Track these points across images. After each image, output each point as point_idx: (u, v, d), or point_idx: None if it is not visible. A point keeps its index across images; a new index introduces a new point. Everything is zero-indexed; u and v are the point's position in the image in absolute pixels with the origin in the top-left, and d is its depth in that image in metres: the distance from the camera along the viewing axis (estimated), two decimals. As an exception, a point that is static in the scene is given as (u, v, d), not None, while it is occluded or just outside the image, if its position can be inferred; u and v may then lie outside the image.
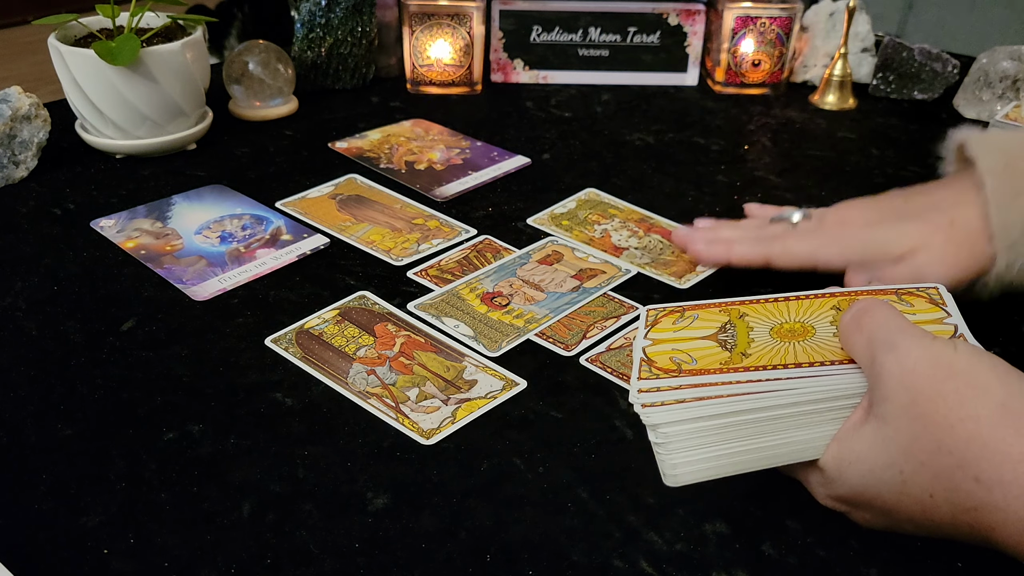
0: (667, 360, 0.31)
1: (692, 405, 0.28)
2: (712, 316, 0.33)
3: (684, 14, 0.76)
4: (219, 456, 0.36)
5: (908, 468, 0.27)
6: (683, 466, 0.29)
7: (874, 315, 0.30)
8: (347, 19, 0.72)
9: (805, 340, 0.31)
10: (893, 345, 0.28)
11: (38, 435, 0.37)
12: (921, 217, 0.42)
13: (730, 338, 0.32)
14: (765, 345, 0.31)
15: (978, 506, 0.26)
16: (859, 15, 0.78)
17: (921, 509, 0.28)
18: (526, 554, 0.32)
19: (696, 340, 0.32)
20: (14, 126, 0.58)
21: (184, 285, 0.48)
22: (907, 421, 0.27)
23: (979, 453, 0.26)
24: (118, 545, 0.32)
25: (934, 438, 0.27)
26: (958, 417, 0.26)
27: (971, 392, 0.27)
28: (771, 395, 0.29)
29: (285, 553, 0.32)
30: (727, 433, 0.29)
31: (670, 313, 0.34)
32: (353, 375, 0.41)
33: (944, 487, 0.27)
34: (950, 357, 0.27)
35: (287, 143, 0.66)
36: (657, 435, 0.29)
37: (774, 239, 0.46)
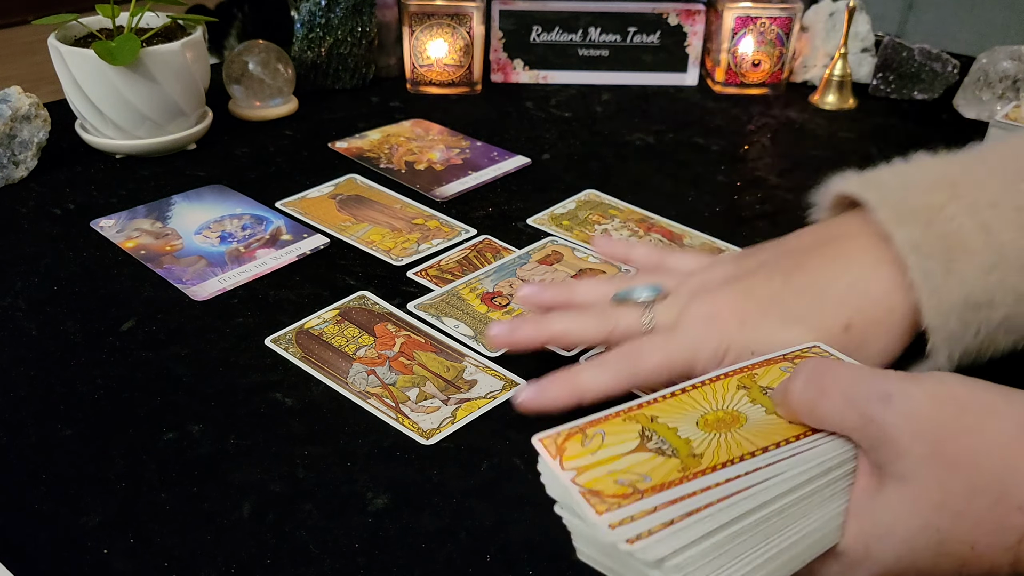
0: (613, 485, 0.25)
1: (686, 523, 0.23)
2: (620, 428, 0.28)
3: (684, 14, 0.76)
4: (219, 456, 0.36)
5: (945, 524, 0.25)
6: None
7: (836, 373, 0.27)
8: (347, 19, 0.72)
9: (743, 427, 0.27)
10: (888, 395, 0.25)
11: (38, 435, 0.37)
12: (806, 320, 0.34)
13: (662, 444, 0.27)
14: (707, 440, 0.27)
15: (1022, 538, 0.24)
16: (859, 15, 0.78)
17: (958, 566, 0.25)
18: (526, 554, 0.32)
19: (626, 456, 0.26)
20: (14, 126, 0.58)
21: (184, 285, 0.48)
22: (932, 472, 0.24)
23: (1014, 479, 0.24)
24: (118, 545, 0.32)
25: (967, 481, 0.24)
26: (984, 451, 0.24)
27: (986, 421, 0.25)
28: (765, 486, 0.25)
29: (285, 553, 0.32)
30: (740, 547, 0.24)
31: (569, 437, 0.27)
32: (353, 375, 0.41)
33: (986, 531, 0.24)
34: (948, 390, 0.25)
35: (287, 143, 0.66)
36: (666, 571, 0.23)
37: (629, 356, 0.35)
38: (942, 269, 0.32)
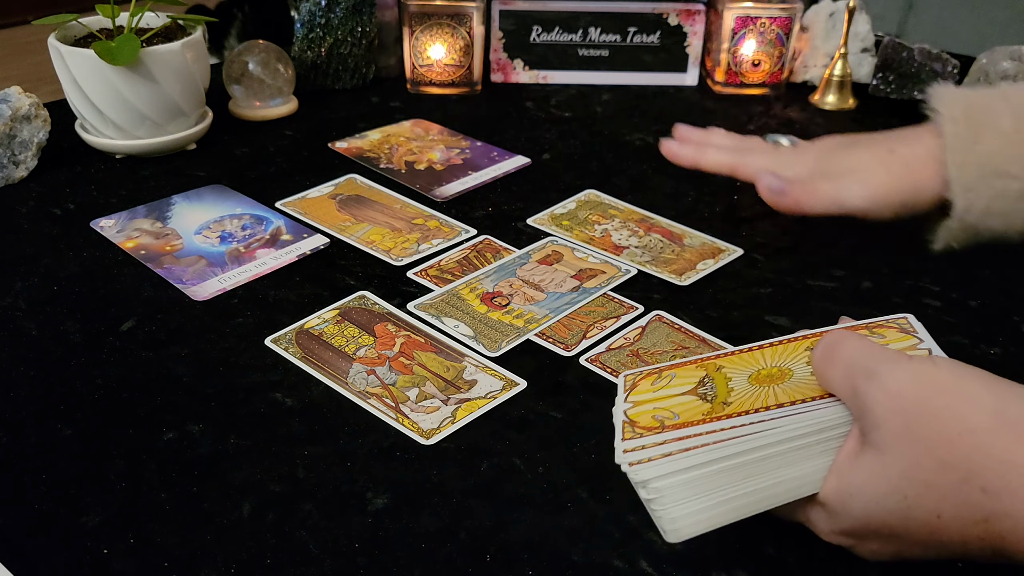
0: (649, 419, 0.31)
1: (678, 457, 0.28)
2: (689, 373, 0.33)
3: (684, 14, 0.76)
4: (219, 456, 0.36)
5: (912, 492, 0.27)
6: (682, 519, 0.28)
7: (845, 346, 0.29)
8: (347, 19, 0.72)
9: (783, 383, 0.31)
10: (873, 372, 0.28)
11: (38, 435, 0.37)
12: (869, 147, 0.46)
13: (709, 390, 0.32)
14: (744, 392, 0.31)
15: (988, 517, 0.26)
16: (859, 15, 0.78)
17: (929, 531, 0.27)
18: (526, 554, 0.32)
19: (676, 397, 0.32)
20: (14, 126, 0.58)
21: (184, 285, 0.48)
22: (904, 445, 0.27)
23: (983, 464, 0.26)
24: (118, 545, 0.32)
25: (934, 457, 0.26)
26: (955, 432, 0.26)
27: (963, 405, 0.26)
28: (756, 436, 0.28)
29: (285, 553, 0.32)
30: (719, 479, 0.28)
31: (647, 376, 0.34)
32: (353, 375, 0.41)
33: (951, 504, 0.26)
34: (933, 373, 0.27)
35: (287, 143, 0.66)
36: (648, 491, 0.28)
37: (747, 151, 0.51)
38: (971, 136, 0.41)
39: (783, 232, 0.55)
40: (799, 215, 0.47)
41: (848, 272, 0.51)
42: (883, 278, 0.50)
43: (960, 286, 0.49)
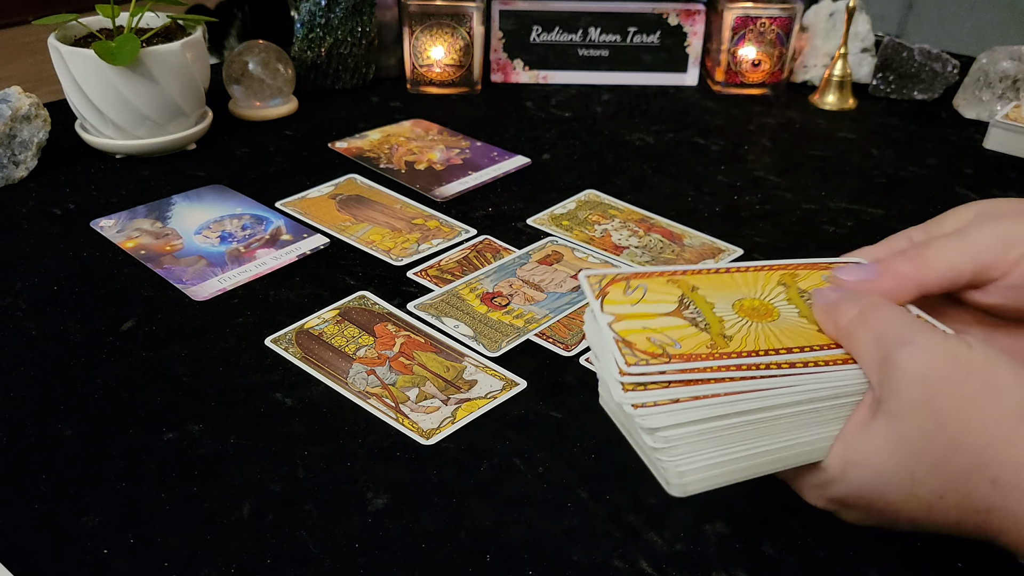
0: (646, 342, 0.27)
1: (692, 406, 0.26)
2: (662, 288, 0.30)
3: (684, 14, 0.76)
4: (219, 456, 0.36)
5: (920, 469, 0.26)
6: (690, 474, 0.27)
7: (883, 311, 0.28)
8: (347, 19, 0.72)
9: (775, 321, 0.30)
10: (908, 340, 0.27)
11: (38, 435, 0.37)
12: None
13: (697, 315, 0.29)
14: (738, 325, 0.29)
15: (991, 509, 0.25)
16: (859, 15, 0.78)
17: (927, 510, 0.27)
18: (526, 554, 0.32)
19: (662, 317, 0.29)
20: (14, 126, 0.58)
21: (184, 285, 0.48)
22: (921, 419, 0.26)
23: (998, 455, 0.25)
24: (118, 545, 0.32)
25: (950, 438, 0.26)
26: (977, 418, 0.25)
27: (989, 392, 0.26)
28: (773, 393, 0.27)
29: (285, 553, 0.32)
30: (732, 436, 0.27)
31: (613, 281, 0.30)
32: (353, 375, 0.41)
33: (956, 489, 0.26)
34: (967, 355, 0.26)
35: (287, 143, 0.66)
36: (655, 439, 0.26)
37: None
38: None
39: (783, 232, 0.55)
40: None
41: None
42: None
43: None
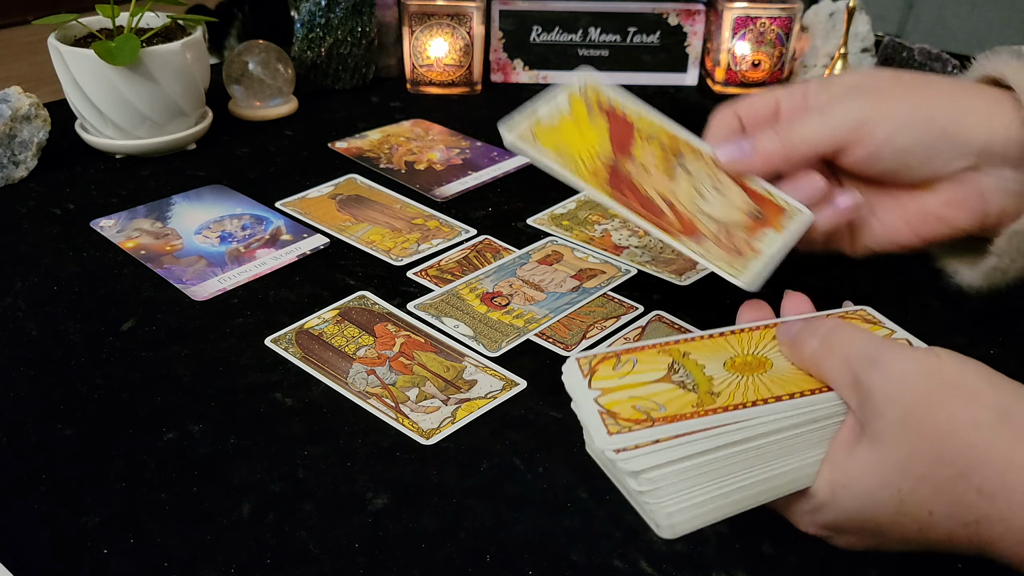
0: (630, 410, 0.27)
1: (672, 444, 0.26)
2: (652, 358, 0.30)
3: (684, 14, 0.76)
4: (219, 456, 0.36)
5: (907, 485, 0.26)
6: (678, 514, 0.27)
7: (844, 335, 0.29)
8: (347, 19, 0.72)
9: (766, 372, 0.30)
10: (876, 360, 0.27)
11: (38, 435, 0.37)
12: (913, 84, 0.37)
13: (686, 379, 0.29)
14: (728, 381, 0.29)
15: (980, 519, 0.25)
16: (859, 15, 0.78)
17: (918, 528, 0.27)
18: (526, 554, 0.32)
19: (650, 384, 0.29)
20: (14, 126, 0.58)
21: (184, 285, 0.48)
22: (903, 435, 0.26)
23: (981, 461, 0.25)
24: (118, 545, 0.32)
25: (933, 450, 0.26)
26: (957, 425, 0.26)
27: (965, 399, 0.26)
28: (752, 424, 0.27)
29: (285, 553, 0.32)
30: (715, 471, 0.27)
31: (603, 360, 0.30)
32: (353, 375, 0.41)
33: (944, 501, 0.26)
34: (936, 365, 0.27)
35: (287, 143, 0.66)
36: (640, 482, 0.26)
37: None
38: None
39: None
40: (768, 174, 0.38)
41: (846, 271, 0.51)
42: (882, 277, 0.50)
43: (960, 286, 0.49)
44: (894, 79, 0.36)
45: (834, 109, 0.36)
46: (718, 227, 0.36)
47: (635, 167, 0.38)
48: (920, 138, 0.35)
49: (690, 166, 0.39)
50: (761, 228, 0.37)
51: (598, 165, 0.37)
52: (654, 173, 0.38)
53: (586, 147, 0.38)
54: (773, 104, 0.39)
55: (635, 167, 0.38)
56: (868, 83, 0.36)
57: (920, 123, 0.35)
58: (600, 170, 0.37)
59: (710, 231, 0.36)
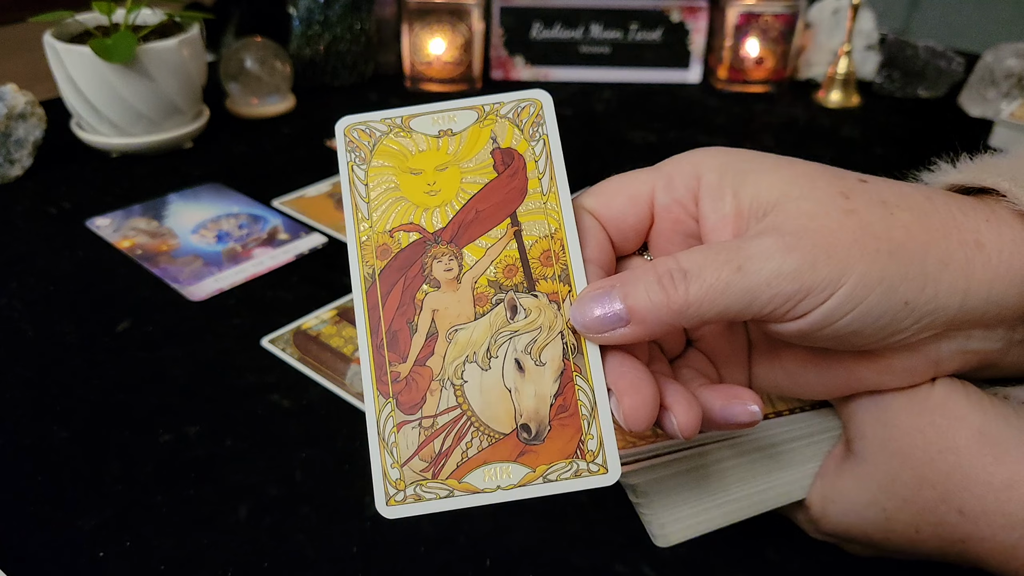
0: None
1: (667, 459, 0.27)
2: None
3: (687, 10, 0.76)
4: (215, 458, 0.36)
5: (891, 505, 0.26)
6: (671, 524, 0.27)
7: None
8: (345, 16, 0.72)
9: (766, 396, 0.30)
10: (859, 382, 0.27)
11: (33, 437, 0.37)
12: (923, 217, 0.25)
13: None
14: None
15: (965, 539, 0.25)
16: (863, 12, 0.77)
17: (909, 543, 0.27)
18: (526, 558, 0.31)
19: None
20: (9, 124, 0.57)
21: (180, 285, 0.47)
22: (885, 457, 0.26)
23: (961, 484, 0.25)
24: (114, 548, 0.32)
25: (915, 473, 0.26)
26: (937, 450, 0.25)
27: (948, 423, 0.26)
28: (745, 439, 0.28)
29: (282, 557, 0.31)
30: (708, 483, 0.28)
31: None
32: (351, 376, 0.40)
33: (929, 522, 0.26)
34: (926, 390, 0.26)
35: (284, 141, 0.66)
36: (636, 495, 0.27)
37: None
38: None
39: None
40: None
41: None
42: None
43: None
44: (842, 215, 0.23)
45: (757, 269, 0.23)
46: (455, 419, 0.23)
47: (449, 262, 0.24)
48: (875, 313, 0.23)
49: (521, 309, 0.24)
50: (509, 459, 0.23)
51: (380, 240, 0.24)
52: (463, 287, 0.24)
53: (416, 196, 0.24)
54: (647, 211, 0.27)
55: (449, 262, 0.24)
56: (803, 219, 0.23)
57: (877, 294, 0.23)
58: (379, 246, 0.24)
59: (436, 414, 0.23)
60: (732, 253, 0.23)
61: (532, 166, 0.25)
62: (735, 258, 0.23)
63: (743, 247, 0.23)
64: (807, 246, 0.23)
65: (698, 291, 0.23)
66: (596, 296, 0.23)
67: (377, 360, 0.24)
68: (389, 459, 0.23)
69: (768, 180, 0.24)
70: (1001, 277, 0.24)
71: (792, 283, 0.23)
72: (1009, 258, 0.24)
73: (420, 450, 0.23)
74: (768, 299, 0.23)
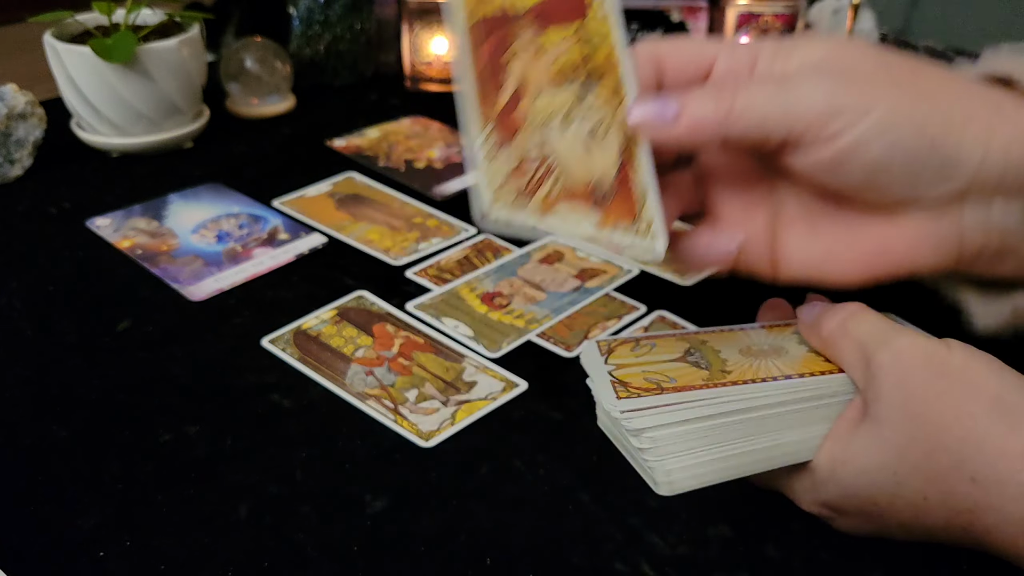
0: (641, 380, 0.28)
1: (677, 408, 0.27)
2: (670, 344, 0.31)
3: (687, 10, 0.76)
4: (216, 458, 0.36)
5: (903, 470, 0.27)
6: (677, 472, 0.28)
7: (861, 319, 0.29)
8: (345, 15, 0.72)
9: (780, 357, 0.30)
10: (887, 342, 0.27)
11: (33, 437, 0.37)
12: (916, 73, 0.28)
13: (700, 359, 0.30)
14: (741, 363, 0.30)
15: (973, 508, 0.26)
16: (863, 12, 0.77)
17: (914, 512, 0.27)
18: (526, 557, 0.32)
19: (664, 363, 0.30)
20: (9, 124, 0.57)
21: (180, 285, 0.47)
22: (902, 421, 0.27)
23: (975, 451, 0.25)
24: (114, 548, 0.32)
25: (930, 438, 0.26)
26: (954, 416, 0.26)
27: (965, 390, 0.26)
28: (758, 396, 0.28)
29: (283, 555, 0.31)
30: (716, 435, 0.28)
31: (624, 343, 0.31)
32: (351, 376, 0.40)
33: (939, 489, 0.26)
34: (944, 355, 0.27)
35: (284, 141, 0.66)
36: (642, 440, 0.27)
37: None
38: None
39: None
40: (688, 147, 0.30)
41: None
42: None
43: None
44: (878, 61, 0.27)
45: (796, 86, 0.27)
46: (541, 161, 0.27)
47: (530, 42, 0.28)
48: (903, 148, 0.26)
49: (590, 95, 0.28)
50: (585, 207, 0.27)
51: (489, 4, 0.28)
52: (542, 64, 0.28)
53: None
54: (708, 59, 0.29)
55: (530, 42, 0.28)
56: (844, 61, 0.28)
57: (906, 128, 0.26)
58: (486, 5, 0.28)
59: (527, 152, 0.27)
60: (776, 79, 0.28)
61: None
62: (778, 80, 0.28)
63: (786, 76, 0.28)
64: (842, 77, 0.27)
65: (743, 101, 0.27)
66: (656, 96, 0.28)
67: (481, 88, 0.28)
68: (490, 174, 0.27)
69: (816, 46, 0.28)
70: (1019, 140, 0.27)
71: (826, 100, 0.26)
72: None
73: (513, 175, 0.27)
74: (804, 111, 0.26)
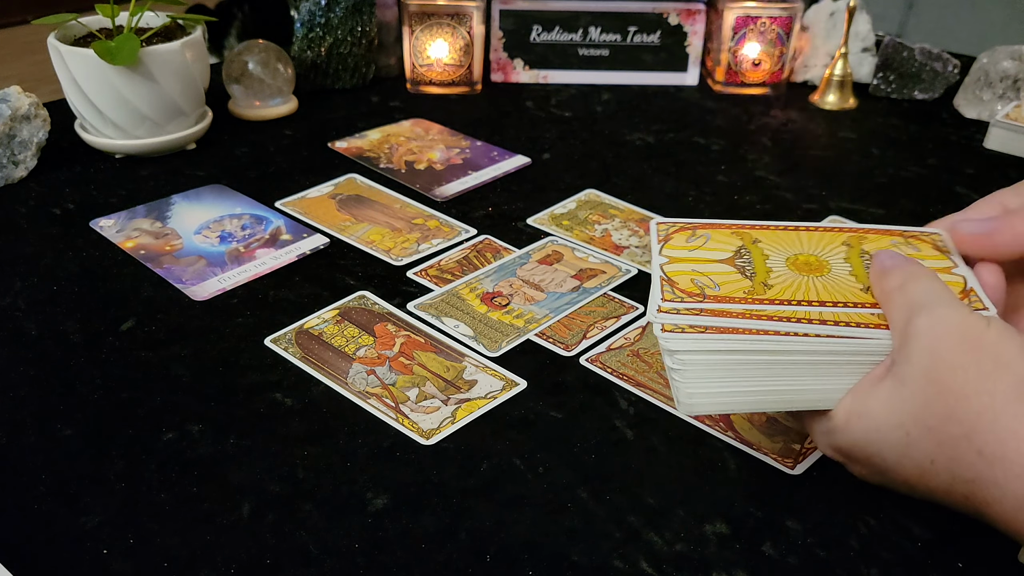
0: (688, 282, 0.31)
1: (713, 336, 0.28)
2: (725, 238, 0.33)
3: (684, 14, 0.76)
4: (219, 456, 0.36)
5: (915, 431, 0.28)
6: (699, 396, 0.29)
7: (921, 282, 0.30)
8: (347, 19, 0.72)
9: (823, 276, 0.31)
10: (930, 310, 0.28)
11: (37, 435, 0.37)
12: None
13: (748, 264, 0.32)
14: (784, 277, 0.31)
15: (976, 479, 0.26)
16: (859, 15, 0.77)
17: (920, 473, 0.28)
18: (526, 555, 0.32)
19: (713, 263, 0.32)
20: (13, 126, 0.58)
21: (183, 285, 0.48)
22: (924, 385, 0.28)
23: (987, 427, 0.26)
24: (118, 545, 0.32)
25: (947, 406, 0.27)
26: (974, 389, 0.27)
27: (992, 367, 0.27)
28: (794, 341, 0.29)
29: (285, 553, 0.32)
30: (745, 371, 0.29)
31: (681, 229, 0.34)
32: (353, 375, 0.41)
33: (946, 455, 0.27)
34: (980, 331, 0.28)
35: (287, 143, 0.66)
36: (674, 360, 0.29)
37: None
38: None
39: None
40: None
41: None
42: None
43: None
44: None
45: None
46: None
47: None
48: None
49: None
50: None
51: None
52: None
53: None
54: (998, 207, 0.34)
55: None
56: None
57: None
58: None
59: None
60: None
61: None
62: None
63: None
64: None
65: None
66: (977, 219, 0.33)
67: None
68: None
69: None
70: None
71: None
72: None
73: None
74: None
